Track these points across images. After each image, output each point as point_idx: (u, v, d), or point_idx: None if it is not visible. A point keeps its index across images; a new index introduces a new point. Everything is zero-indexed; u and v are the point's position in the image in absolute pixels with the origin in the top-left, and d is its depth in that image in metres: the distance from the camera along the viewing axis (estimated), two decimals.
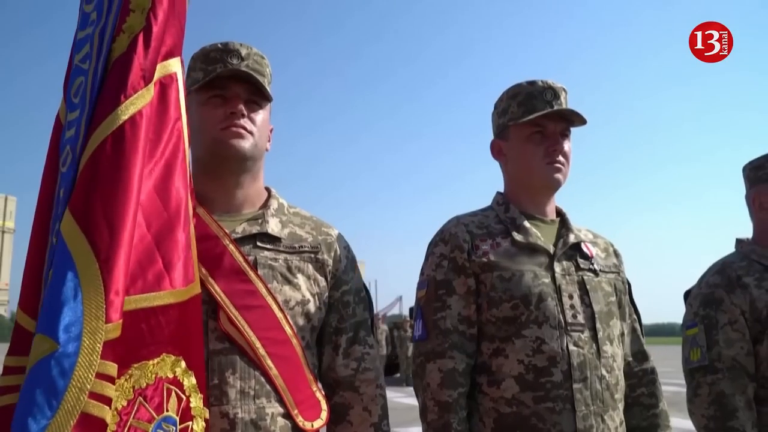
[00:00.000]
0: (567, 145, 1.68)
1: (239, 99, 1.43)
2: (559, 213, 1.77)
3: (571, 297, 1.58)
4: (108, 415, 0.95)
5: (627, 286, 1.78)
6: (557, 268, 1.61)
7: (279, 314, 1.38)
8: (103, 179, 1.02)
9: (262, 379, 1.33)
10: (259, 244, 1.43)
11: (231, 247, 1.38)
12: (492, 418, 1.53)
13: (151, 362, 1.11)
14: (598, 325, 1.57)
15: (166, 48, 1.19)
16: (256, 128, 1.45)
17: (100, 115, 1.05)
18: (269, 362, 1.34)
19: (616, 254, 1.80)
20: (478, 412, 1.57)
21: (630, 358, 1.74)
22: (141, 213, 1.13)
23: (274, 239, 1.45)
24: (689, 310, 1.90)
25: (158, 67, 1.17)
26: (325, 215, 1.64)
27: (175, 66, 1.22)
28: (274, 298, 1.38)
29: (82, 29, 1.22)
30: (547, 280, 1.58)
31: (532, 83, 1.68)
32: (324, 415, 1.42)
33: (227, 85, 1.43)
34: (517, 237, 1.63)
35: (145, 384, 1.09)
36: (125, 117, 1.06)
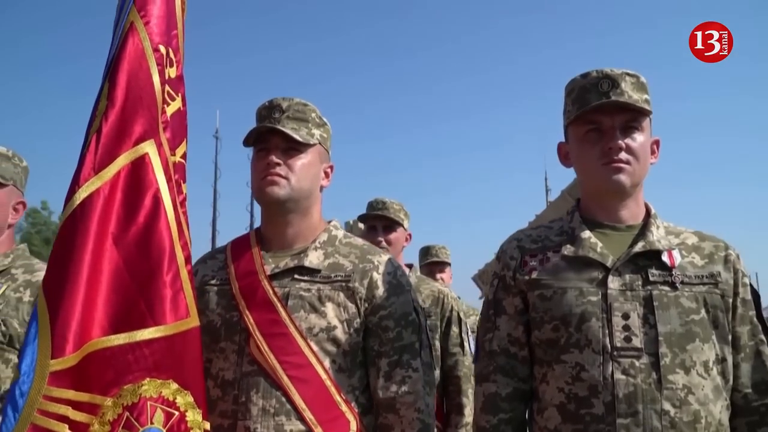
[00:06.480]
0: (637, 139, 1.39)
1: (277, 149, 1.62)
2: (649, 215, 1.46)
3: (626, 317, 1.31)
4: (57, 427, 1.30)
5: (736, 299, 1.36)
6: (614, 283, 1.35)
7: (300, 341, 1.51)
8: (59, 253, 1.40)
9: (283, 399, 1.48)
10: (296, 276, 1.59)
11: (264, 282, 1.58)
12: None
13: (136, 385, 1.42)
14: (663, 350, 1.27)
15: (136, 135, 1.51)
16: (294, 173, 1.61)
17: (65, 203, 1.44)
18: (289, 384, 1.48)
19: (726, 261, 1.37)
20: None
21: (747, 390, 1.33)
22: (125, 267, 1.46)
23: (312, 271, 1.59)
24: None
25: (127, 153, 1.49)
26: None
27: (147, 148, 1.52)
28: (296, 327, 1.52)
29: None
30: (595, 298, 1.34)
31: (585, 75, 1.45)
32: None
33: (269, 138, 1.64)
34: (566, 251, 1.42)
35: (131, 402, 1.41)
36: (77, 203, 1.42)
